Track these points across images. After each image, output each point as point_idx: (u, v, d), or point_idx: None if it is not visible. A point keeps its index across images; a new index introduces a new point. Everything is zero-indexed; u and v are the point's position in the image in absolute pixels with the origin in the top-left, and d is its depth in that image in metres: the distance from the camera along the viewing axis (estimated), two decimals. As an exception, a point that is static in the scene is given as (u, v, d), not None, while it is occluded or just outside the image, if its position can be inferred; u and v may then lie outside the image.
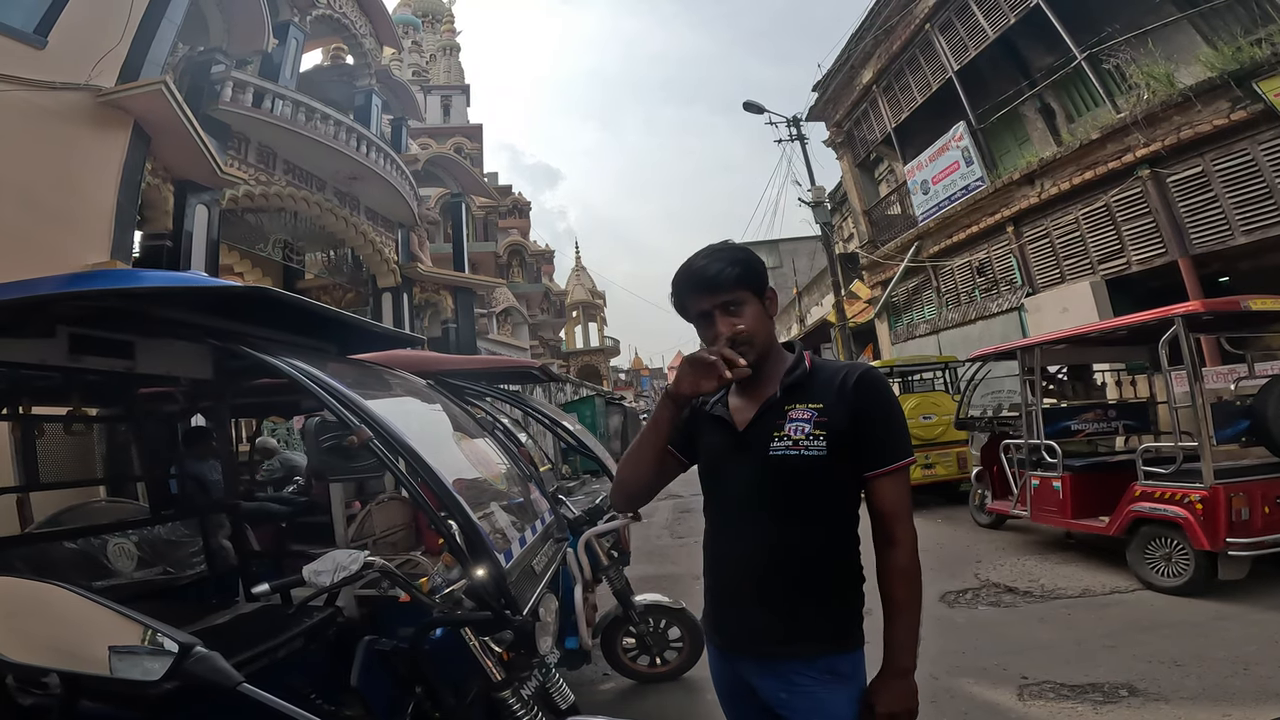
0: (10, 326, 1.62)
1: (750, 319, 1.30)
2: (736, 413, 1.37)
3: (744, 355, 1.26)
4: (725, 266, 1.29)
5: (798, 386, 1.32)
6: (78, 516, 3.28)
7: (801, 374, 1.33)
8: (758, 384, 1.36)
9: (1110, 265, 9.10)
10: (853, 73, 14.39)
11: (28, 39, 6.30)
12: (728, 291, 1.29)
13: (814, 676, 1.27)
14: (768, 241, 30.63)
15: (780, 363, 1.37)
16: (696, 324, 1.35)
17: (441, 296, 16.01)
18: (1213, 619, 3.89)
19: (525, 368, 5.32)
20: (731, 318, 1.29)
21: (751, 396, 1.37)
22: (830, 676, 1.27)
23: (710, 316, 1.30)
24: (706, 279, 1.29)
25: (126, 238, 7.11)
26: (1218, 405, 5.02)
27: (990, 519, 6.77)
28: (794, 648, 1.27)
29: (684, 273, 1.34)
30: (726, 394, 1.41)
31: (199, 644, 1.21)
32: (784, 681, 1.28)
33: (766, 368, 1.34)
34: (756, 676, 1.33)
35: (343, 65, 14.66)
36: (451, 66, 29.11)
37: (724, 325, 1.29)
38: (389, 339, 2.63)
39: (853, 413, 1.27)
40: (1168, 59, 8.15)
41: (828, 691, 1.26)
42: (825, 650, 1.28)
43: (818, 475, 1.26)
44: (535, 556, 1.79)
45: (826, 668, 1.27)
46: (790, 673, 1.28)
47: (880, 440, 1.28)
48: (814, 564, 1.29)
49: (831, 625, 1.29)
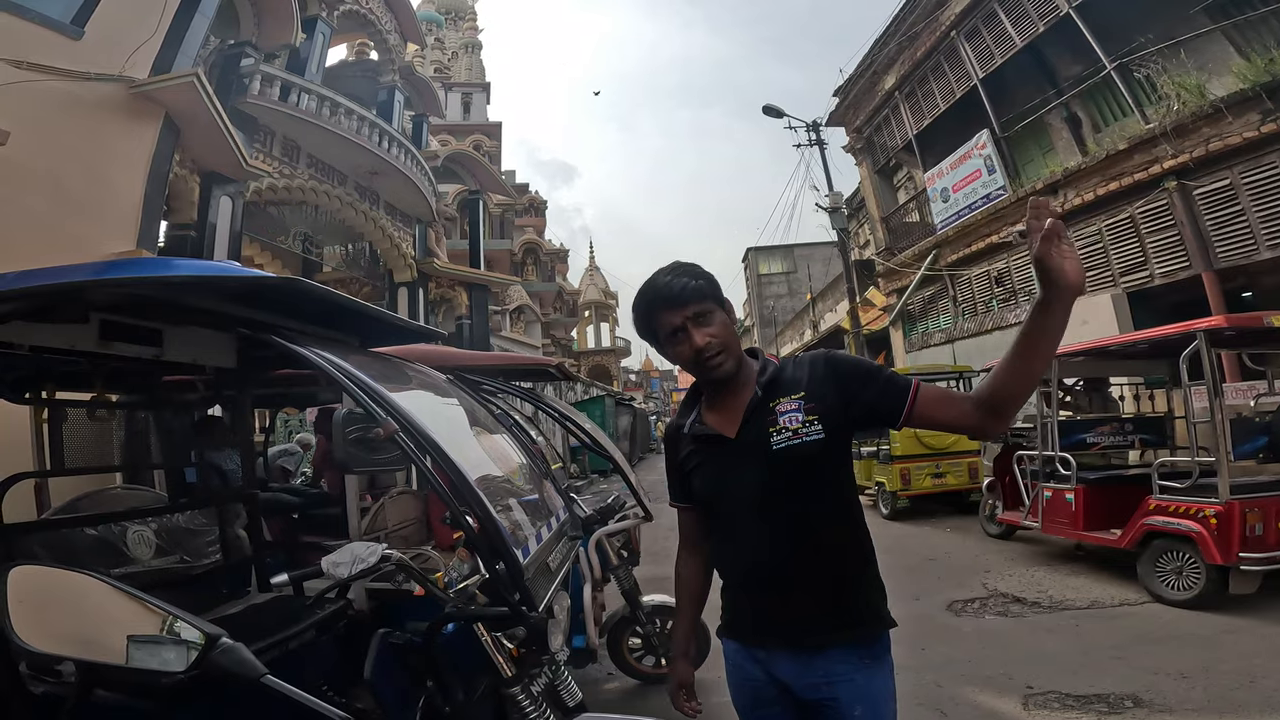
0: (45, 312, 1.65)
1: (720, 329, 1.35)
2: (721, 425, 1.40)
3: (723, 362, 1.34)
4: (690, 280, 1.34)
5: (774, 382, 1.36)
6: (95, 503, 3.30)
7: (774, 371, 1.38)
8: (733, 392, 1.39)
9: (1133, 278, 8.98)
10: (875, 78, 14.30)
11: (65, 29, 6.43)
12: (697, 303, 1.33)
13: (854, 664, 1.30)
14: (783, 246, 30.56)
15: (750, 369, 1.40)
16: (667, 342, 1.38)
17: (456, 293, 16.11)
18: (1221, 632, 3.88)
19: (542, 365, 5.35)
20: (704, 328, 1.33)
21: (730, 406, 1.39)
22: (870, 660, 1.31)
23: (684, 330, 1.34)
24: (674, 294, 1.33)
25: (153, 228, 7.24)
26: (1237, 421, 5.01)
27: (1000, 529, 6.75)
28: (844, 634, 1.31)
29: (650, 292, 1.37)
30: (700, 414, 1.45)
31: (224, 635, 1.21)
32: (823, 674, 1.30)
33: (740, 378, 1.38)
34: (794, 674, 1.34)
35: (367, 61, 14.80)
36: (473, 64, 29.30)
37: (699, 336, 1.33)
38: (411, 333, 2.66)
39: (838, 386, 1.31)
40: (1199, 70, 8.03)
41: (866, 676, 1.30)
42: (870, 633, 1.33)
43: (822, 459, 1.30)
44: (550, 554, 1.80)
45: (868, 652, 1.31)
46: (829, 663, 1.30)
47: (884, 385, 1.30)
48: (842, 548, 1.34)
49: (871, 605, 1.34)
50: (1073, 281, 1.05)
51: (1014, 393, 1.17)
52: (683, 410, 1.53)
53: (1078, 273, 1.05)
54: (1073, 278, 1.05)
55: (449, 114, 23.81)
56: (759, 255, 33.66)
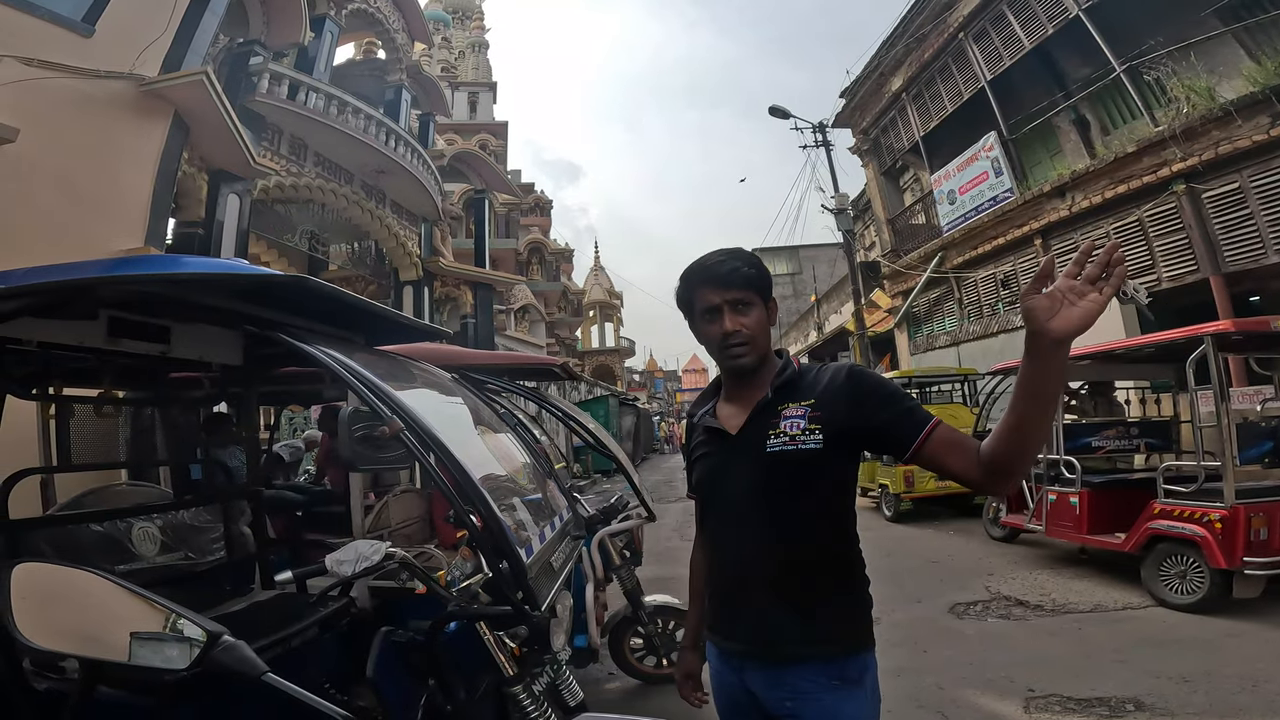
0: (54, 308, 1.66)
1: (754, 322, 1.34)
2: (728, 420, 1.39)
3: (744, 354, 1.33)
4: (741, 266, 1.34)
5: (788, 386, 1.35)
6: (100, 499, 3.30)
7: (791, 375, 1.36)
8: (749, 389, 1.38)
9: (1140, 281, 8.88)
10: (882, 80, 14.27)
11: (76, 27, 6.46)
12: (739, 290, 1.33)
13: (822, 683, 1.25)
14: (788, 247, 30.47)
15: (770, 369, 1.39)
16: (701, 319, 1.38)
17: (461, 292, 16.15)
18: (1224, 636, 3.89)
19: (547, 365, 5.37)
20: (739, 316, 1.33)
21: (743, 402, 1.39)
22: (839, 682, 1.26)
23: (718, 311, 1.33)
24: (722, 274, 1.33)
25: (161, 225, 7.26)
26: (1243, 426, 5.00)
27: (1003, 532, 6.74)
28: (814, 649, 1.27)
29: (698, 266, 1.38)
30: (715, 405, 1.45)
31: (226, 632, 1.21)
32: (790, 690, 1.27)
33: (761, 374, 1.37)
34: (762, 686, 1.32)
35: (374, 60, 14.83)
36: (479, 63, 29.34)
37: (730, 321, 1.32)
38: (417, 331, 2.67)
39: (853, 403, 1.27)
40: (1210, 72, 7.99)
41: (836, 698, 1.25)
42: (843, 651, 1.28)
43: (816, 468, 1.27)
44: (554, 553, 1.80)
45: (837, 673, 1.26)
46: (798, 679, 1.27)
47: (902, 414, 1.26)
48: (823, 561, 1.30)
49: (847, 623, 1.30)
50: (1047, 328, 0.93)
51: (1014, 453, 1.08)
52: (701, 399, 1.53)
53: (1066, 320, 0.92)
54: (1051, 324, 0.93)
55: (455, 113, 23.87)
56: (764, 256, 33.10)
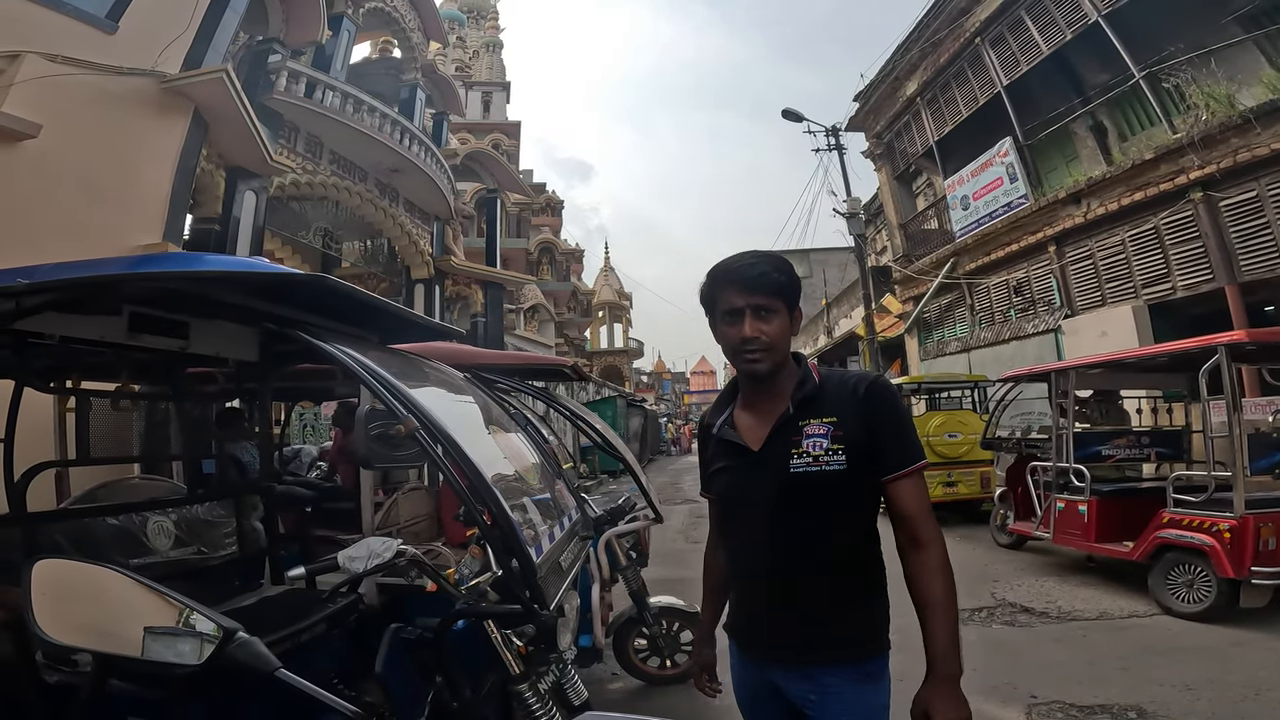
0: (79, 303, 1.70)
1: (775, 330, 1.31)
2: (748, 432, 1.38)
3: (761, 360, 1.31)
4: (770, 271, 1.31)
5: (810, 401, 1.32)
6: (114, 493, 3.33)
7: (812, 388, 1.33)
8: (768, 399, 1.37)
9: (1154, 289, 8.85)
10: (896, 84, 14.20)
11: (100, 24, 6.56)
12: (765, 295, 1.30)
13: (845, 677, 1.29)
14: (799, 250, 30.33)
15: (790, 377, 1.37)
16: (721, 319, 1.35)
17: (472, 290, 16.23)
18: (1230, 645, 3.88)
19: (557, 365, 5.38)
20: (760, 322, 1.30)
21: (762, 413, 1.37)
22: (862, 677, 1.30)
23: (740, 314, 1.31)
24: (749, 277, 1.31)
25: (178, 221, 7.35)
26: (1254, 436, 4.99)
27: (1011, 539, 6.71)
28: (840, 651, 1.30)
29: (726, 267, 1.35)
30: (733, 414, 1.43)
31: (241, 628, 1.23)
32: (814, 683, 1.31)
33: (778, 382, 1.36)
34: (784, 680, 1.35)
35: (390, 59, 14.92)
36: (493, 63, 29.45)
37: (750, 326, 1.30)
38: (430, 330, 2.69)
39: (867, 421, 1.28)
40: (1229, 80, 7.90)
41: (857, 691, 1.29)
42: (868, 652, 1.31)
43: (840, 489, 1.28)
44: (562, 553, 1.81)
45: (862, 670, 1.30)
46: (821, 675, 1.30)
47: (895, 445, 1.29)
48: (843, 573, 1.32)
49: (865, 630, 1.32)
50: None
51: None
52: (717, 406, 1.51)
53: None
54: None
55: (469, 112, 23.98)
56: (774, 259, 33.41)
